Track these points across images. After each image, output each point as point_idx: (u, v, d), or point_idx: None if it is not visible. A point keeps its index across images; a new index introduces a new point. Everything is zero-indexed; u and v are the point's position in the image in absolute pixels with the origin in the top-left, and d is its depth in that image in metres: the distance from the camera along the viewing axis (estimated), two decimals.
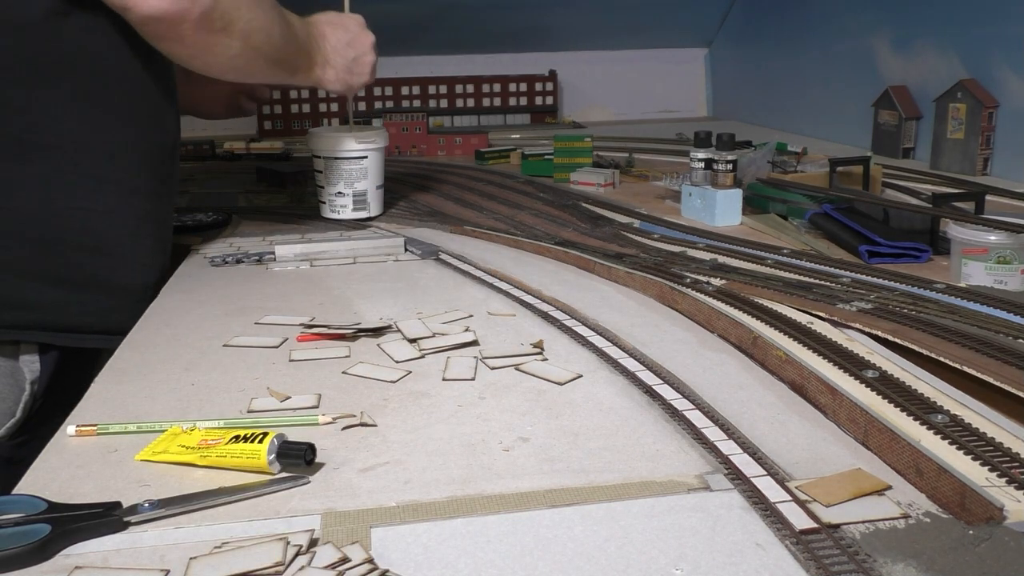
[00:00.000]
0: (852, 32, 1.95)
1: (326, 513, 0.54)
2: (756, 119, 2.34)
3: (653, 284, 0.95)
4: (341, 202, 1.30)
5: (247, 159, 1.95)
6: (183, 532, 0.52)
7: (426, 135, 1.96)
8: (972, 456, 0.55)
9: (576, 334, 0.83)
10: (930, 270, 0.99)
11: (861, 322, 0.79)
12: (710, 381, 0.72)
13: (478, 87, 2.41)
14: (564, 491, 0.56)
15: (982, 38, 1.57)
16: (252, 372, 0.76)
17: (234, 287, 1.01)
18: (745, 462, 0.58)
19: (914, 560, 0.48)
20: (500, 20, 2.34)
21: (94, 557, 0.50)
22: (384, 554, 0.49)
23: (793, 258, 1.03)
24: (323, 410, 0.68)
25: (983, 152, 1.54)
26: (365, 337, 0.84)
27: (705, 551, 0.49)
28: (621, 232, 1.20)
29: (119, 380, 0.75)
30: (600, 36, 2.47)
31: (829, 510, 0.52)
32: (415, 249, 1.15)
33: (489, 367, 0.76)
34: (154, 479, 0.58)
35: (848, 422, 0.64)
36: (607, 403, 0.69)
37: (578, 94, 2.54)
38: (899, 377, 0.67)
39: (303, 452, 0.58)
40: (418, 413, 0.68)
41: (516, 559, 0.49)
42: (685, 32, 2.54)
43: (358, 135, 1.28)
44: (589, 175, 1.53)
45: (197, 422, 0.65)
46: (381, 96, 2.35)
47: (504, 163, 1.83)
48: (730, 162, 1.22)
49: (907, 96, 1.76)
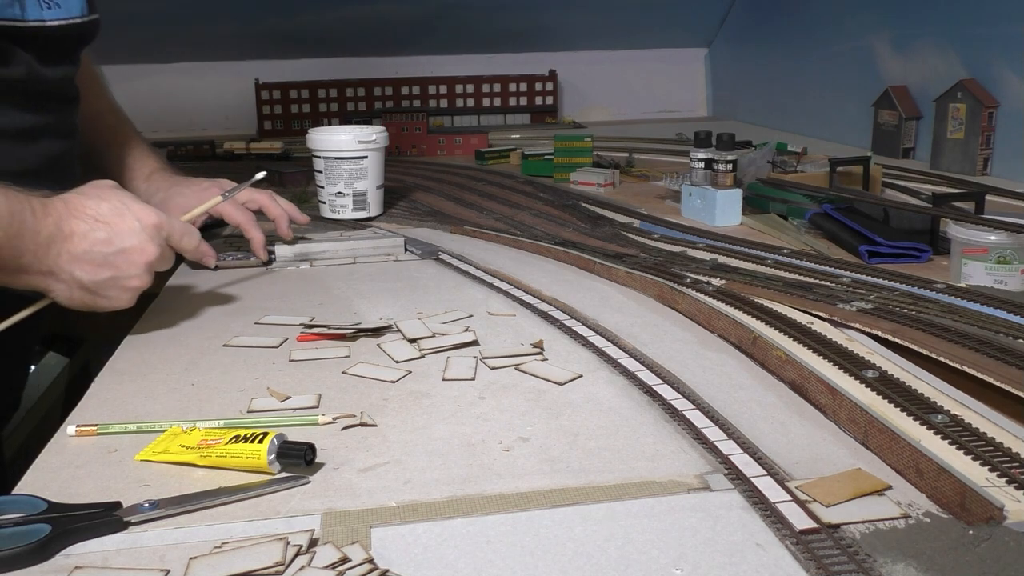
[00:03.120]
0: (852, 32, 1.95)
1: (326, 513, 0.54)
2: (756, 119, 2.33)
3: (653, 284, 0.95)
4: (341, 202, 1.30)
5: (247, 159, 1.95)
6: (183, 532, 0.52)
7: (426, 135, 1.96)
8: (972, 456, 0.55)
9: (576, 334, 0.83)
10: (930, 270, 0.99)
11: (861, 322, 0.79)
12: (710, 381, 0.72)
13: (478, 87, 2.41)
14: (564, 491, 0.56)
15: (982, 38, 1.57)
16: (252, 372, 0.76)
17: (234, 287, 1.01)
18: (745, 462, 0.58)
19: (914, 560, 0.48)
20: (500, 20, 2.34)
21: (94, 557, 0.50)
22: (384, 554, 0.49)
23: (793, 258, 1.03)
24: (323, 410, 0.68)
25: (983, 152, 1.54)
26: (365, 337, 0.84)
27: (705, 551, 0.49)
28: (621, 232, 1.20)
29: (119, 380, 0.75)
30: (600, 36, 2.47)
31: (829, 510, 0.52)
32: (415, 249, 1.15)
33: (489, 367, 0.76)
34: (154, 479, 0.58)
35: (848, 422, 0.64)
36: (607, 403, 0.69)
37: (578, 94, 2.54)
38: (899, 377, 0.67)
39: (303, 452, 0.58)
40: (418, 413, 0.68)
41: (516, 559, 0.49)
42: (685, 32, 2.54)
43: (358, 135, 1.28)
44: (589, 175, 1.53)
45: (197, 422, 0.65)
46: (381, 96, 2.35)
47: (504, 163, 1.83)
48: (730, 162, 1.22)
49: (907, 96, 1.76)
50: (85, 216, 0.79)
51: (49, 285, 0.79)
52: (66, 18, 0.95)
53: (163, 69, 2.28)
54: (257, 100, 2.27)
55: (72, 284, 0.79)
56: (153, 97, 2.21)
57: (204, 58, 2.32)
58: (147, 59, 2.22)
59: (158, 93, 2.25)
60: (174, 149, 1.93)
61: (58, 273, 0.78)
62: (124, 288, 0.81)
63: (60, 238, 0.78)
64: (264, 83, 2.27)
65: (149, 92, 2.18)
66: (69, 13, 0.95)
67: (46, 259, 0.77)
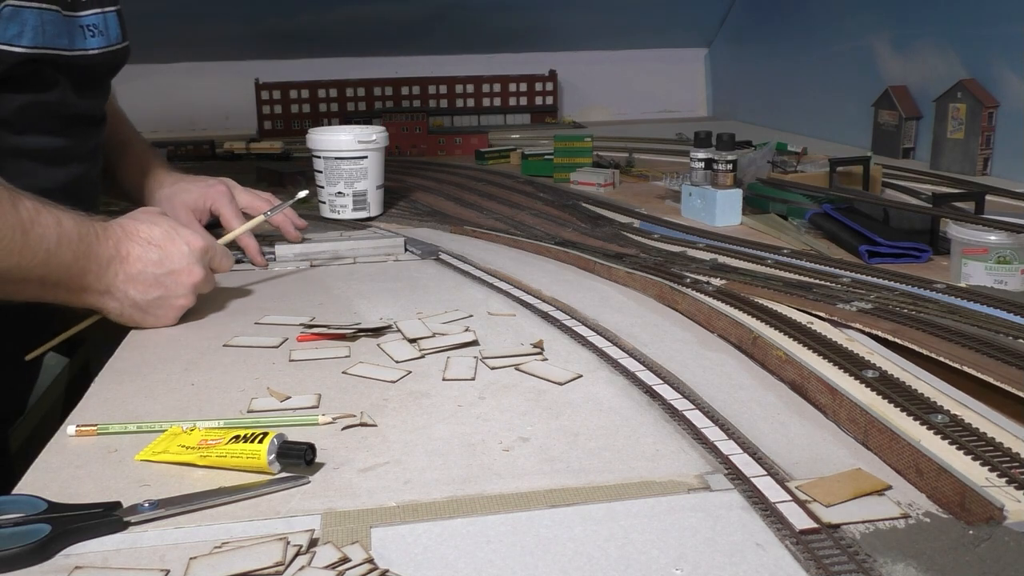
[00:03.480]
0: (852, 32, 1.95)
1: (326, 513, 0.54)
2: (756, 119, 2.33)
3: (653, 284, 0.95)
4: (341, 202, 1.30)
5: (247, 159, 1.94)
6: (183, 532, 0.52)
7: (426, 135, 1.96)
8: (972, 456, 0.55)
9: (576, 334, 0.83)
10: (930, 270, 0.99)
11: (861, 322, 0.79)
12: (710, 381, 0.72)
13: (478, 87, 2.41)
14: (564, 491, 0.56)
15: (982, 38, 1.57)
16: (252, 372, 0.76)
17: (234, 287, 1.01)
18: (745, 462, 0.58)
19: (914, 560, 0.48)
20: (500, 20, 2.34)
21: (94, 557, 0.50)
22: (384, 554, 0.49)
23: (793, 258, 1.03)
24: (323, 410, 0.68)
25: (983, 152, 1.54)
26: (365, 337, 0.83)
27: (705, 551, 0.49)
28: (621, 232, 1.20)
29: (119, 380, 0.75)
30: (600, 36, 2.47)
31: (829, 510, 0.52)
32: (415, 249, 1.15)
33: (489, 367, 0.76)
34: (154, 479, 0.58)
35: (848, 422, 0.64)
36: (607, 403, 0.69)
37: (578, 94, 2.54)
38: (899, 377, 0.67)
39: (303, 452, 0.58)
40: (418, 413, 0.68)
41: (516, 559, 0.49)
42: (685, 32, 2.54)
43: (358, 135, 1.28)
44: (589, 175, 1.53)
45: (197, 422, 0.65)
46: (381, 96, 2.35)
47: (504, 163, 1.83)
48: (730, 162, 1.22)
49: (907, 96, 1.76)
50: (139, 239, 0.85)
51: (105, 303, 0.84)
52: (106, 46, 1.00)
53: (163, 69, 2.28)
54: (257, 100, 2.27)
55: (125, 302, 0.85)
56: (153, 97, 2.21)
57: (204, 58, 2.32)
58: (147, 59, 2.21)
59: (158, 93, 2.25)
60: (174, 149, 1.93)
61: (114, 292, 0.84)
62: (171, 307, 0.87)
63: (118, 259, 0.83)
64: (264, 83, 2.27)
65: (149, 92, 2.18)
66: (108, 41, 1.00)
67: (104, 279, 0.83)
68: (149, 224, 0.86)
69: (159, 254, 0.85)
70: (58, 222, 0.79)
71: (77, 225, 0.81)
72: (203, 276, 0.88)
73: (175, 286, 0.86)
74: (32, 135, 0.93)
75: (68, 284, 0.81)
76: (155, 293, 0.85)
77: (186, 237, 0.87)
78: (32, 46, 0.88)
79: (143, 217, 0.88)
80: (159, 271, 0.85)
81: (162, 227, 0.87)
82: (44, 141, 0.95)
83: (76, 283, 0.81)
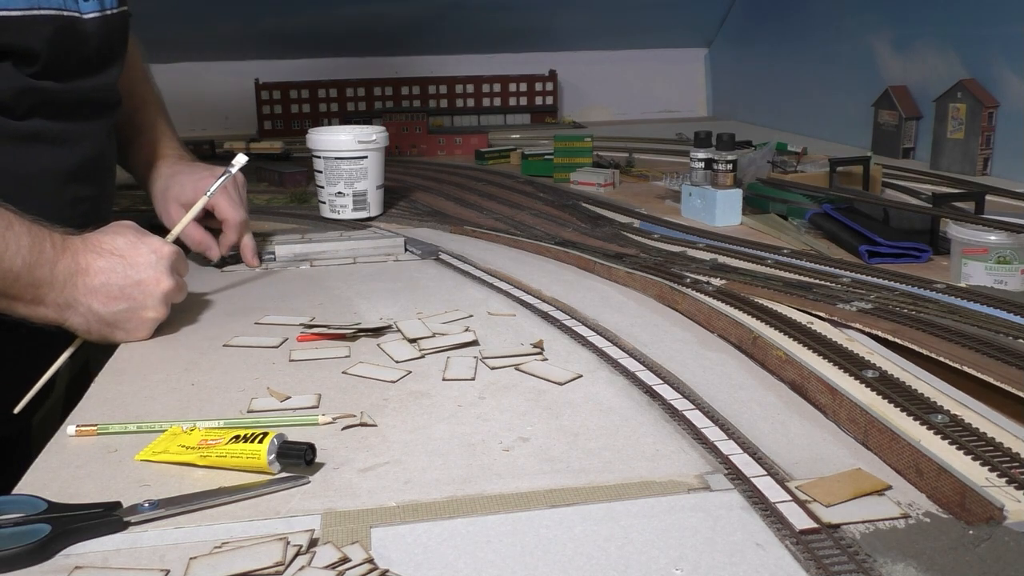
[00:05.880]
0: (852, 32, 1.95)
1: (326, 513, 0.54)
2: (756, 119, 2.33)
3: (653, 284, 0.95)
4: (341, 202, 1.30)
5: None
6: (183, 532, 0.52)
7: (426, 135, 1.96)
8: (972, 456, 0.55)
9: (576, 334, 0.83)
10: (930, 270, 0.99)
11: (861, 322, 0.79)
12: (710, 381, 0.72)
13: (478, 87, 2.41)
14: (564, 491, 0.56)
15: (982, 38, 1.57)
16: (252, 372, 0.76)
17: (234, 287, 1.01)
18: (745, 462, 0.58)
19: (914, 560, 0.48)
20: (500, 20, 2.34)
21: (94, 557, 0.50)
22: (384, 554, 0.49)
23: (793, 258, 1.03)
24: (323, 410, 0.68)
25: (983, 152, 1.54)
26: (365, 337, 0.83)
27: (705, 551, 0.49)
28: (621, 232, 1.20)
29: (119, 380, 0.75)
30: (600, 36, 2.47)
31: (829, 510, 0.52)
32: (415, 249, 1.15)
33: (489, 367, 0.76)
34: (154, 479, 0.58)
35: (848, 422, 0.64)
36: (607, 403, 0.69)
37: (578, 94, 2.53)
38: (899, 377, 0.67)
39: (303, 452, 0.58)
40: (418, 413, 0.68)
41: (516, 559, 0.49)
42: (685, 32, 2.54)
43: (358, 135, 1.28)
44: (589, 175, 1.53)
45: (197, 422, 0.65)
46: (381, 96, 2.35)
47: (504, 163, 1.83)
48: (730, 162, 1.22)
49: (907, 96, 1.75)
50: (101, 250, 0.81)
51: (68, 318, 0.80)
52: (99, 11, 0.96)
53: (163, 69, 2.26)
54: (257, 100, 2.27)
55: (90, 317, 0.80)
56: None
57: (204, 58, 2.32)
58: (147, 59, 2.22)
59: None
60: None
61: (76, 307, 0.80)
62: (141, 320, 0.82)
63: (78, 271, 0.79)
64: (264, 83, 2.27)
65: None
66: (102, 6, 0.96)
67: (63, 291, 0.79)
68: (112, 235, 0.82)
69: (123, 264, 0.81)
70: (8, 225, 0.76)
71: (30, 233, 0.77)
72: (173, 285, 0.83)
73: (142, 297, 0.81)
74: (37, 119, 0.91)
75: (21, 295, 0.77)
76: (121, 305, 0.80)
77: (152, 245, 0.83)
78: (27, 8, 0.86)
79: (108, 229, 0.84)
80: (124, 282, 0.80)
81: (126, 236, 0.83)
82: (48, 125, 0.92)
83: (30, 295, 0.77)
